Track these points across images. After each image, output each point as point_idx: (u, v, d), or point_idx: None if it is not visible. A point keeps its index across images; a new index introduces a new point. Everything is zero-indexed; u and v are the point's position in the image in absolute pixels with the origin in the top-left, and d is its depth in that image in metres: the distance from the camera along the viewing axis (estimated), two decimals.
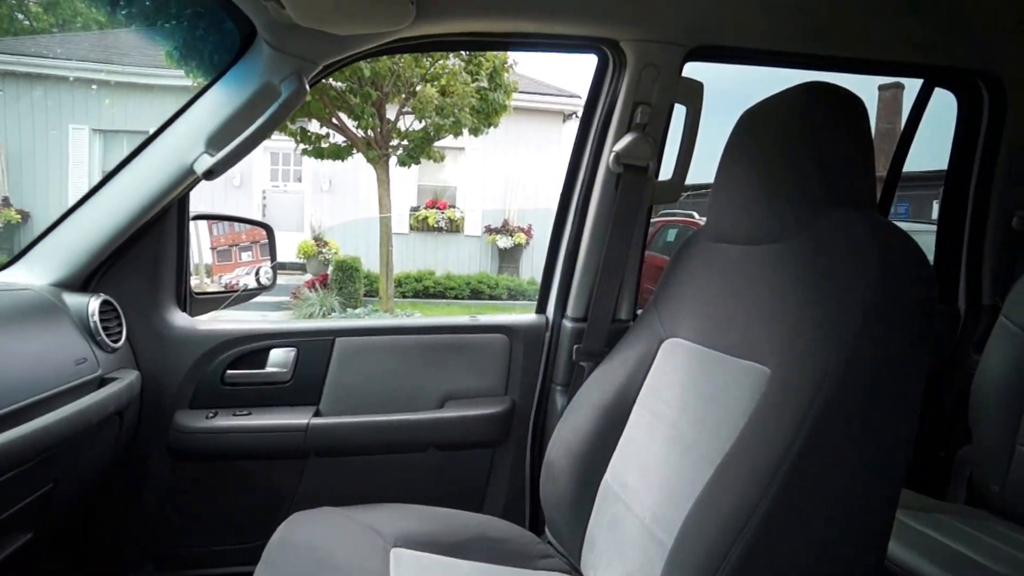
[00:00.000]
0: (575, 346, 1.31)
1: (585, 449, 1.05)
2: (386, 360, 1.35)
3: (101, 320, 1.10)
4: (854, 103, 0.83)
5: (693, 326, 0.97)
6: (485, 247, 10.44)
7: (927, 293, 0.70)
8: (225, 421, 1.25)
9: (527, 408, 1.38)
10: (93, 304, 1.11)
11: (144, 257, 1.22)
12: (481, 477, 1.39)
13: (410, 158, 7.07)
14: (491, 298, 9.33)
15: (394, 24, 1.03)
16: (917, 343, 0.69)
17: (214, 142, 1.08)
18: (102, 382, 1.07)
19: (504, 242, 10.10)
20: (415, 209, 10.54)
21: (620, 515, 0.96)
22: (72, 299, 1.10)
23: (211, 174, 1.08)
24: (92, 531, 1.24)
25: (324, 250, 9.51)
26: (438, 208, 10.50)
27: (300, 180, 10.76)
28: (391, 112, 6.86)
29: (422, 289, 9.27)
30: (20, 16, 13.39)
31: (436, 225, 10.41)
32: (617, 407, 1.05)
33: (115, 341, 1.13)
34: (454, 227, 10.47)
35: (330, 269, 8.69)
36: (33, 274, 1.12)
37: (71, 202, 1.14)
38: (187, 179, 1.12)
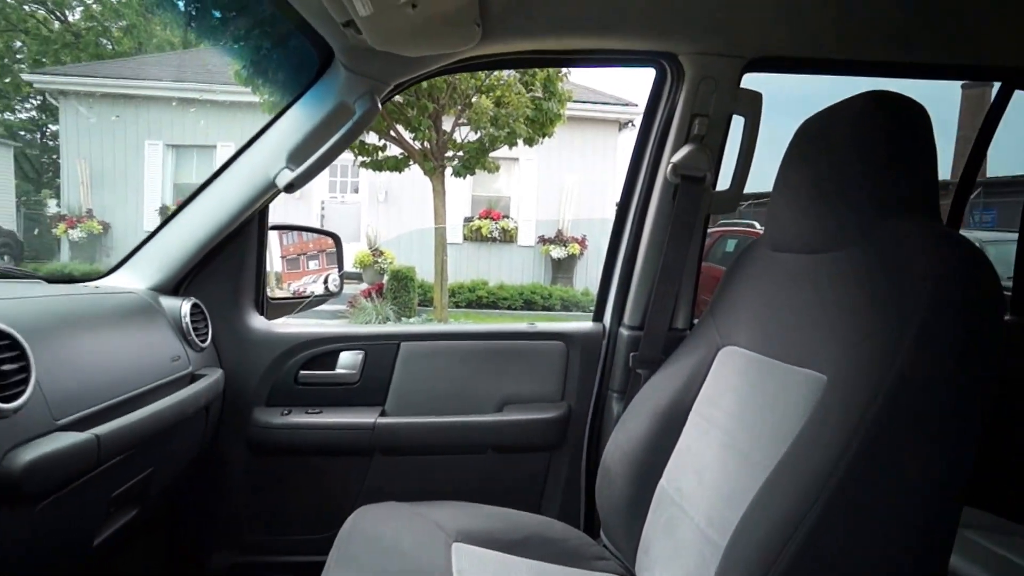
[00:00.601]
0: (632, 354, 1.34)
1: (641, 454, 1.08)
2: (448, 364, 1.41)
3: (191, 321, 1.20)
4: (916, 111, 0.83)
5: (750, 334, 0.99)
6: (539, 257, 10.49)
7: (987, 307, 0.70)
8: (298, 418, 1.33)
9: (583, 413, 1.41)
10: (185, 307, 1.20)
11: (228, 264, 1.32)
12: (538, 479, 1.42)
13: (465, 169, 7.19)
14: (544, 309, 9.34)
15: (461, 45, 1.10)
16: (976, 358, 0.69)
17: (294, 158, 1.16)
18: (192, 378, 1.16)
19: (558, 252, 10.12)
20: (469, 219, 10.67)
21: (675, 518, 0.97)
22: (167, 302, 1.20)
23: (291, 187, 1.16)
24: (181, 516, 1.34)
25: (380, 260, 9.73)
26: (492, 218, 10.59)
27: (357, 191, 11.05)
28: (447, 124, 7.00)
29: (475, 299, 9.37)
30: (104, 41, 14.33)
31: (490, 235, 10.51)
32: (673, 413, 1.07)
33: (203, 341, 1.23)
34: (508, 237, 10.56)
35: (385, 278, 8.90)
36: (134, 279, 1.23)
37: (146, 212, 1.24)
38: (269, 192, 1.21)
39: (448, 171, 7.30)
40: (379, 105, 1.16)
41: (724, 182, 1.33)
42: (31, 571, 0.81)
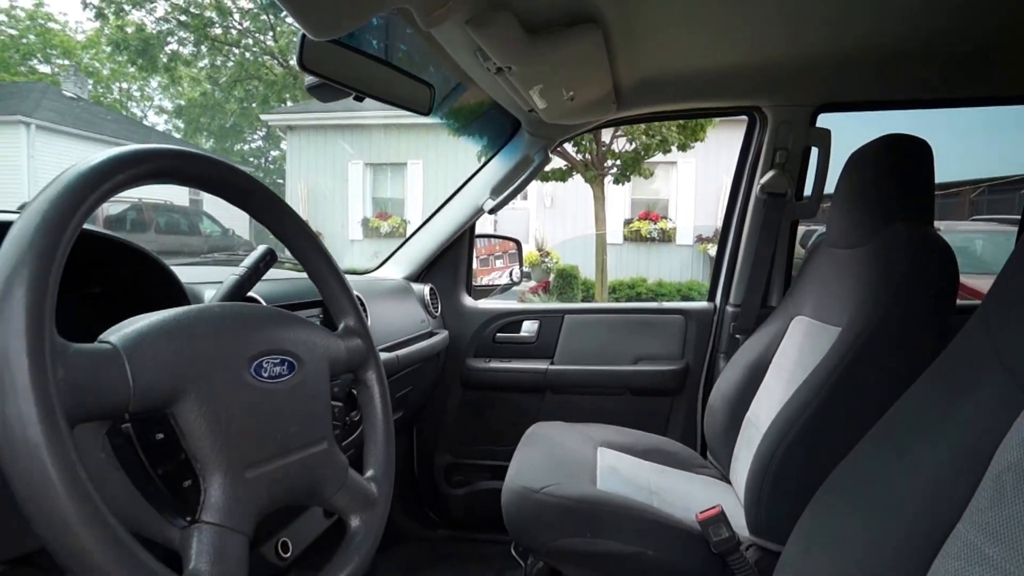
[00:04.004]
0: (733, 324, 1.80)
1: (734, 395, 1.49)
2: (598, 330, 1.95)
3: (429, 299, 1.88)
4: (920, 148, 1.21)
5: (812, 306, 1.40)
6: (697, 256, 10.57)
7: (943, 281, 1.09)
8: (495, 365, 1.96)
9: (698, 368, 1.88)
10: (425, 290, 1.88)
11: (450, 262, 1.98)
12: (663, 416, 1.92)
13: (622, 176, 7.65)
14: None
15: (603, 116, 1.66)
16: (935, 315, 1.06)
17: (495, 192, 1.79)
18: (431, 335, 1.82)
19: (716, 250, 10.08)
20: (628, 221, 11.04)
21: (752, 437, 1.30)
22: (415, 286, 1.88)
23: (492, 211, 1.79)
24: (420, 427, 2.03)
25: (546, 260, 10.38)
26: (650, 219, 10.89)
27: (526, 198, 11.73)
28: (606, 136, 7.53)
29: (635, 296, 9.72)
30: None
31: (648, 236, 10.82)
32: (758, 365, 1.47)
33: (436, 312, 1.90)
34: (666, 237, 10.79)
35: (551, 277, 9.56)
36: (395, 271, 1.93)
37: (350, 223, 1.84)
38: (478, 213, 1.86)
39: (608, 178, 7.80)
40: (550, 156, 1.76)
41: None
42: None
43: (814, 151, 1.67)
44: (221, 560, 0.50)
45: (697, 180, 10.59)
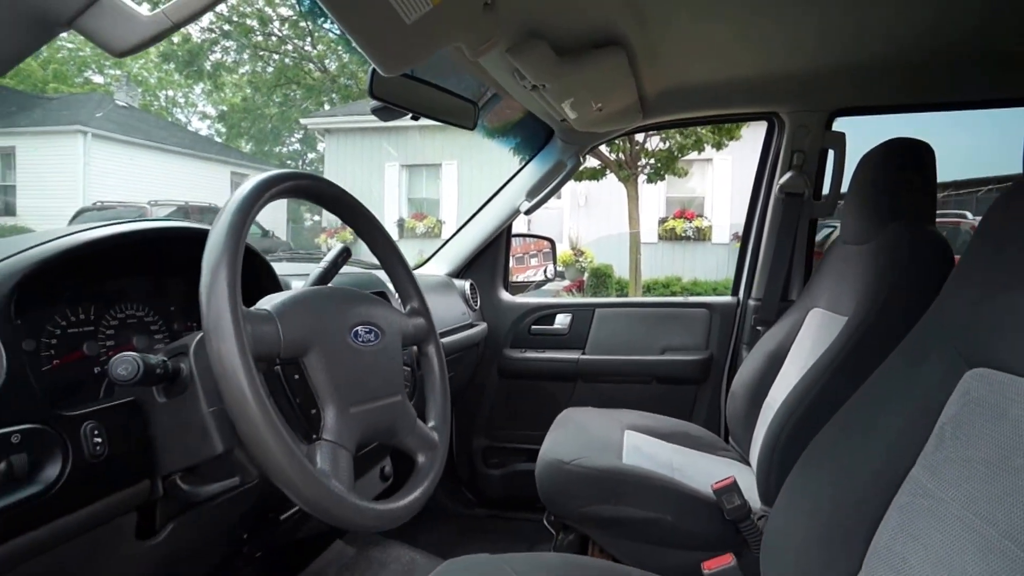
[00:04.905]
0: (754, 316, 1.91)
1: (754, 382, 1.59)
2: (627, 322, 2.08)
3: (470, 294, 2.03)
4: (922, 150, 1.31)
5: (826, 298, 1.51)
6: (733, 254, 10.44)
7: (939, 274, 1.17)
8: (530, 355, 2.10)
9: (722, 359, 1.99)
10: (466, 285, 2.03)
11: (489, 259, 2.14)
12: (688, 403, 2.03)
13: (656, 175, 7.71)
14: None
15: (630, 124, 1.80)
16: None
17: (530, 194, 1.93)
18: (471, 326, 1.98)
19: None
20: (663, 220, 11.04)
21: (770, 419, 1.48)
22: (456, 282, 2.04)
23: (528, 212, 1.94)
24: (458, 412, 2.18)
25: (580, 259, 10.49)
26: (686, 218, 10.89)
27: (560, 198, 11.94)
28: (639, 135, 7.60)
29: (670, 294, 9.75)
30: (350, 83, 16.94)
31: (684, 234, 10.83)
32: (777, 355, 1.57)
33: (476, 305, 2.05)
34: (702, 236, 10.80)
35: (585, 276, 9.66)
36: (438, 267, 2.09)
37: (386, 224, 1.95)
38: (515, 215, 2.00)
39: (641, 178, 7.88)
40: (581, 160, 1.90)
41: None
42: None
43: (831, 153, 1.78)
44: (335, 464, 0.70)
45: (733, 177, 10.54)
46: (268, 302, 0.73)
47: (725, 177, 10.69)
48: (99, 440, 0.68)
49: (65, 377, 0.81)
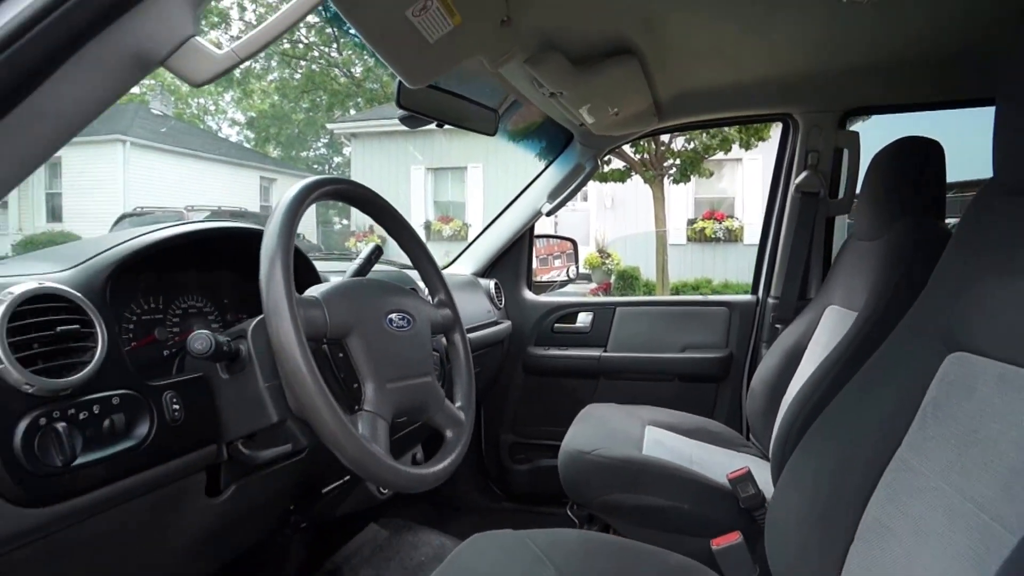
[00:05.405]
0: (773, 314, 1.94)
1: (773, 378, 1.62)
2: (648, 321, 2.13)
3: (495, 293, 2.10)
4: (930, 148, 1.34)
5: (840, 294, 1.54)
6: None
7: None
8: (553, 352, 2.16)
9: (742, 356, 2.02)
10: (491, 284, 2.10)
11: (513, 259, 2.20)
12: (709, 401, 2.06)
13: (683, 176, 7.70)
14: None
15: (646, 127, 1.85)
16: None
17: (551, 196, 2.00)
18: (496, 324, 2.04)
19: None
20: (692, 221, 10.93)
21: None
22: (482, 281, 2.11)
23: (549, 213, 2.00)
24: (486, 408, 2.25)
25: (607, 261, 10.45)
26: (715, 219, 10.76)
27: (586, 199, 11.93)
28: (664, 135, 7.60)
29: None
30: (375, 87, 17.17)
31: (713, 235, 10.69)
32: (795, 352, 1.60)
33: (500, 304, 2.12)
34: (733, 237, 10.65)
35: (612, 279, 9.65)
36: (464, 267, 2.17)
37: (412, 224, 2.04)
38: (537, 216, 2.07)
39: (667, 179, 7.87)
40: (599, 164, 1.96)
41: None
42: None
43: (847, 151, 1.81)
44: (374, 431, 0.80)
45: (765, 177, 10.29)
46: (315, 290, 0.84)
47: (756, 177, 10.52)
48: (177, 407, 0.78)
49: (140, 358, 0.93)
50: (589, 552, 1.01)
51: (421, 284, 1.13)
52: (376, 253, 1.14)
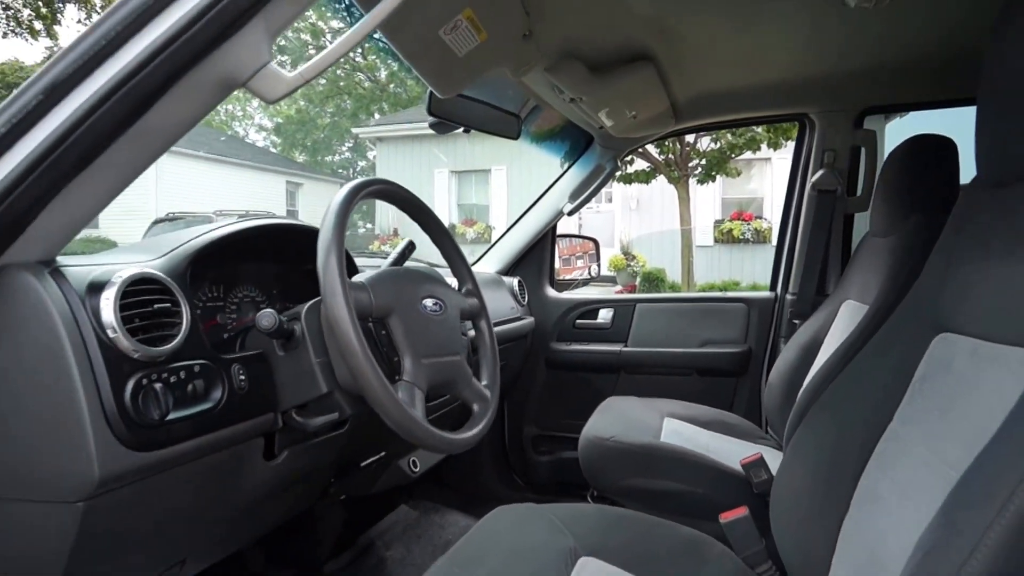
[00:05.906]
0: (791, 310, 1.99)
1: (790, 372, 1.65)
2: (667, 317, 2.18)
3: (518, 290, 2.18)
4: (943, 146, 1.38)
5: (855, 290, 1.59)
6: None
7: None
8: (575, 347, 2.24)
9: (760, 352, 2.07)
10: (514, 282, 2.18)
11: (536, 257, 2.27)
12: (728, 395, 2.11)
13: (708, 176, 7.68)
14: None
15: (664, 129, 1.92)
16: None
17: (572, 197, 2.07)
18: (519, 319, 2.12)
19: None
20: (719, 222, 10.82)
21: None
22: (505, 279, 2.18)
23: (571, 213, 2.08)
24: (509, 402, 2.33)
25: (632, 263, 10.43)
26: (743, 220, 10.65)
27: (611, 201, 11.94)
28: (689, 135, 7.61)
29: None
30: (400, 91, 17.38)
31: (741, 237, 10.57)
32: (811, 346, 1.64)
33: (524, 300, 2.20)
34: (761, 238, 10.52)
35: (637, 280, 9.63)
36: (488, 266, 2.25)
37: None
38: (559, 216, 2.15)
39: (692, 179, 7.85)
40: (619, 165, 2.02)
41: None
42: None
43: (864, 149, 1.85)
44: (412, 398, 0.92)
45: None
46: (361, 277, 0.97)
47: (785, 177, 10.37)
48: (242, 378, 0.90)
49: (209, 337, 1.07)
50: (605, 524, 1.09)
51: (450, 280, 1.22)
52: (410, 247, 1.25)
